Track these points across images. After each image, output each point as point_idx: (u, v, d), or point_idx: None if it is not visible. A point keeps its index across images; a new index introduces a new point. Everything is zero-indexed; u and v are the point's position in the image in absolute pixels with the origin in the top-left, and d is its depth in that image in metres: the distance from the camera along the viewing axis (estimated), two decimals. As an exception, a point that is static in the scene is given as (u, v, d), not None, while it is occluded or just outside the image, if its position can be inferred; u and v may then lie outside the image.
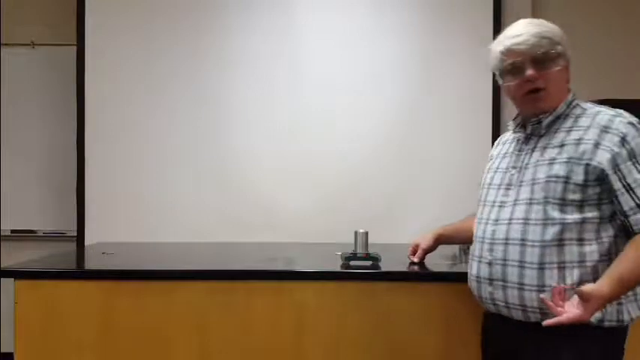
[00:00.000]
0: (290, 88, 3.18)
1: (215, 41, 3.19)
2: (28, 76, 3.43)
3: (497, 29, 3.14)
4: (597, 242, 1.35)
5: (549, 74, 1.41)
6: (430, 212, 3.03)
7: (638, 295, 1.37)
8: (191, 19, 3.19)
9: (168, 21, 3.19)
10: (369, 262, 1.84)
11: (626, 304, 1.36)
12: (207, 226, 3.10)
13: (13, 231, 3.41)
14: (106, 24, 3.19)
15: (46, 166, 3.42)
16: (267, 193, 3.16)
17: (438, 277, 1.78)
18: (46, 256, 2.15)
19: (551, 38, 1.41)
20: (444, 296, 1.75)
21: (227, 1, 3.19)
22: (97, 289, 1.76)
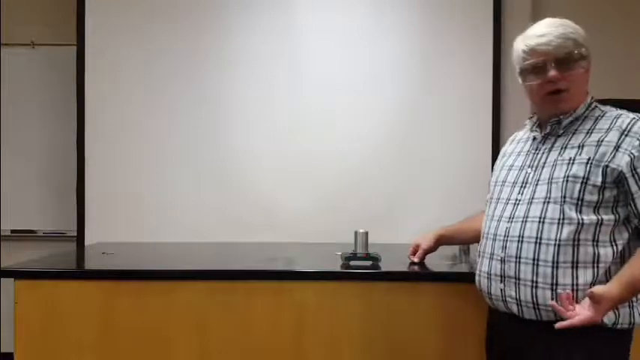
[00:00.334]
0: (290, 88, 3.18)
1: (215, 41, 3.19)
2: (28, 76, 3.43)
3: (498, 29, 3.16)
4: (612, 244, 1.35)
5: (572, 76, 1.41)
6: (430, 212, 3.04)
7: None
8: (191, 19, 3.19)
9: (168, 21, 3.19)
10: (369, 262, 1.84)
11: (636, 306, 1.36)
12: (207, 226, 3.10)
13: (13, 231, 3.41)
14: (106, 24, 3.19)
15: (46, 166, 3.42)
16: (267, 193, 3.16)
17: (438, 277, 1.78)
18: (46, 256, 2.16)
19: (576, 40, 1.41)
20: (444, 296, 1.75)
21: (227, 1, 3.19)
22: (97, 289, 1.77)
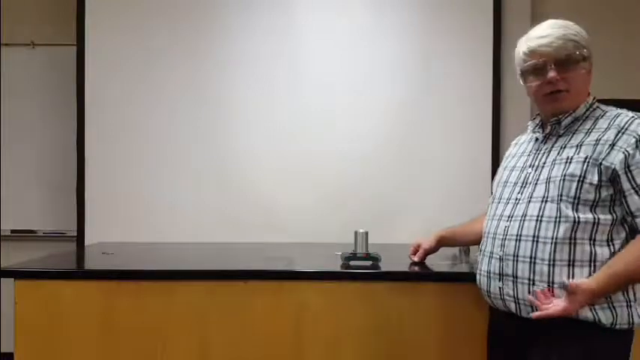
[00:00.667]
0: (290, 88, 3.18)
1: (215, 41, 3.19)
2: (28, 76, 3.42)
3: (498, 29, 3.16)
4: (608, 244, 1.36)
5: (571, 77, 1.41)
6: (430, 212, 3.04)
7: None
8: (191, 19, 3.19)
9: (168, 21, 3.19)
10: (369, 262, 1.84)
11: (636, 306, 1.36)
12: (208, 226, 3.10)
13: (13, 231, 3.41)
14: (106, 24, 3.19)
15: (46, 166, 3.42)
16: (267, 193, 3.15)
17: (438, 277, 1.78)
18: (46, 256, 2.16)
19: (577, 41, 1.41)
20: (444, 296, 1.75)
21: (227, 1, 3.19)
22: (97, 289, 1.77)
